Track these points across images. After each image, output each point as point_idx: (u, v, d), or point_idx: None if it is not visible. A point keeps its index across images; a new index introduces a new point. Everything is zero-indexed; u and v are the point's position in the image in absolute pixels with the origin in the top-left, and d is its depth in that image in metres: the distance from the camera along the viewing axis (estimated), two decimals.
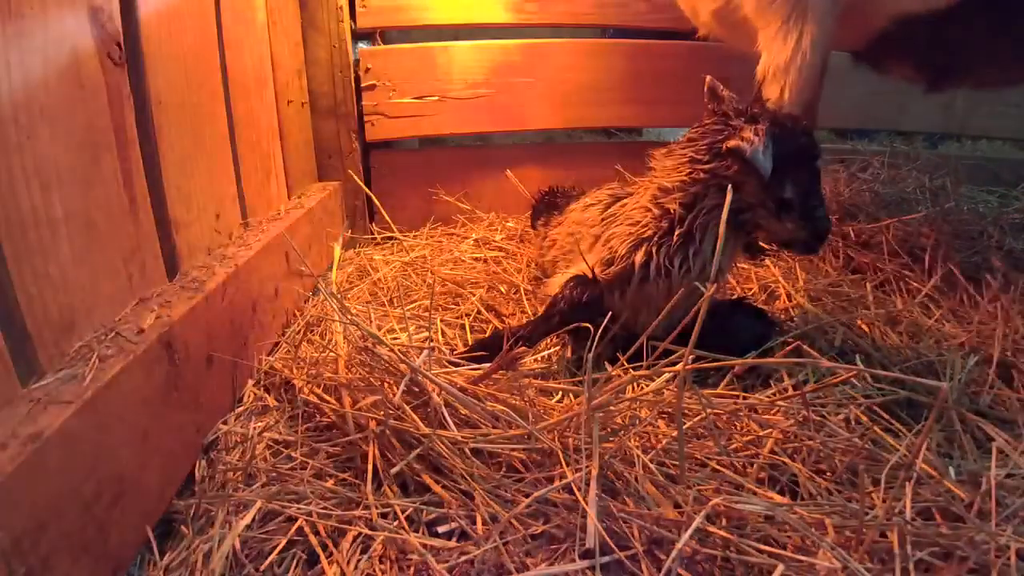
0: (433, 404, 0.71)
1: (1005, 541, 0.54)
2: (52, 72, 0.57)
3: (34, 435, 0.47)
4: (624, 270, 0.89)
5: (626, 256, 0.89)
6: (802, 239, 0.87)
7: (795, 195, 0.84)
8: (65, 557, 0.48)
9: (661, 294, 0.88)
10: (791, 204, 0.84)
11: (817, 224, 0.85)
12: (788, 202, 0.83)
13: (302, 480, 0.68)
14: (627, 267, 0.89)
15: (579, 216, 1.05)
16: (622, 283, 0.89)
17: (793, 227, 0.85)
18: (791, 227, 0.85)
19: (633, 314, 0.90)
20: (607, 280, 0.90)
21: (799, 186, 0.84)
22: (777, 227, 0.87)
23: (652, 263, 0.87)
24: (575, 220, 1.06)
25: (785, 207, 0.84)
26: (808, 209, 0.85)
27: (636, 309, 0.90)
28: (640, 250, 0.88)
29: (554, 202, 1.29)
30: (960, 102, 2.00)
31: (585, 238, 0.98)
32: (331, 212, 1.43)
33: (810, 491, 0.64)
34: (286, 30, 1.32)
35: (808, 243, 0.87)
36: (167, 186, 0.77)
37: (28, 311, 0.53)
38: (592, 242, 0.96)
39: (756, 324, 0.94)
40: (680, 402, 0.61)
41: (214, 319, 0.78)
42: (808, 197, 0.85)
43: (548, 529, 0.58)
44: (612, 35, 1.99)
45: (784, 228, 0.86)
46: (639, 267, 0.88)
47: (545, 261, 1.15)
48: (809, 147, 0.85)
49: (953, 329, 1.02)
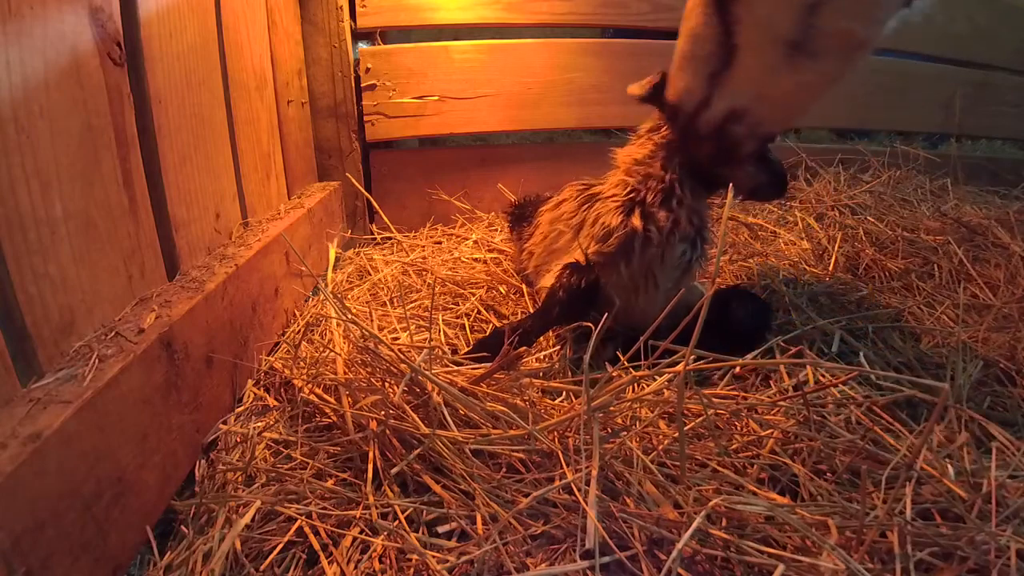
0: (433, 404, 0.71)
1: (1005, 541, 0.54)
2: (52, 72, 0.57)
3: (34, 435, 0.47)
4: (626, 236, 0.89)
5: (623, 224, 0.89)
6: (764, 182, 0.92)
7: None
8: (65, 557, 0.48)
9: (658, 258, 0.89)
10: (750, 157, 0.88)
11: (772, 166, 0.93)
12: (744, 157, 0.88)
13: (302, 480, 0.67)
14: (628, 233, 0.89)
15: (552, 215, 1.04)
16: (627, 252, 0.89)
17: (752, 170, 0.91)
18: (751, 171, 0.90)
19: (635, 292, 0.90)
20: (608, 255, 0.90)
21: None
22: (739, 175, 0.91)
23: (650, 223, 0.89)
24: (549, 220, 1.04)
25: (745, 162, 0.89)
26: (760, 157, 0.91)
27: (636, 285, 0.91)
28: (635, 213, 0.89)
29: (523, 213, 1.26)
30: (960, 102, 2.00)
31: (564, 233, 0.98)
32: (331, 212, 1.43)
33: (810, 491, 0.64)
34: (286, 30, 1.32)
35: (772, 185, 0.94)
36: (167, 186, 0.77)
37: (28, 311, 0.53)
38: (575, 232, 0.96)
39: (754, 311, 0.94)
40: (680, 402, 0.61)
41: (214, 319, 0.78)
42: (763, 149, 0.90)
43: (548, 529, 0.58)
44: (612, 35, 1.99)
45: (745, 174, 0.91)
46: (642, 229, 0.89)
47: (528, 273, 1.14)
48: None
49: (955, 329, 1.02)
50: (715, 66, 0.79)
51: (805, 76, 0.75)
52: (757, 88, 0.79)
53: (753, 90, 0.79)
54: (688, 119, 0.86)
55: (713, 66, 0.80)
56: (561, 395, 0.84)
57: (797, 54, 0.73)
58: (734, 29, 0.76)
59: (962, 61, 2.08)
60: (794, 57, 0.73)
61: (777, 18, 0.73)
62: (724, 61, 0.78)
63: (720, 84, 0.80)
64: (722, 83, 0.80)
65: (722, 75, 0.80)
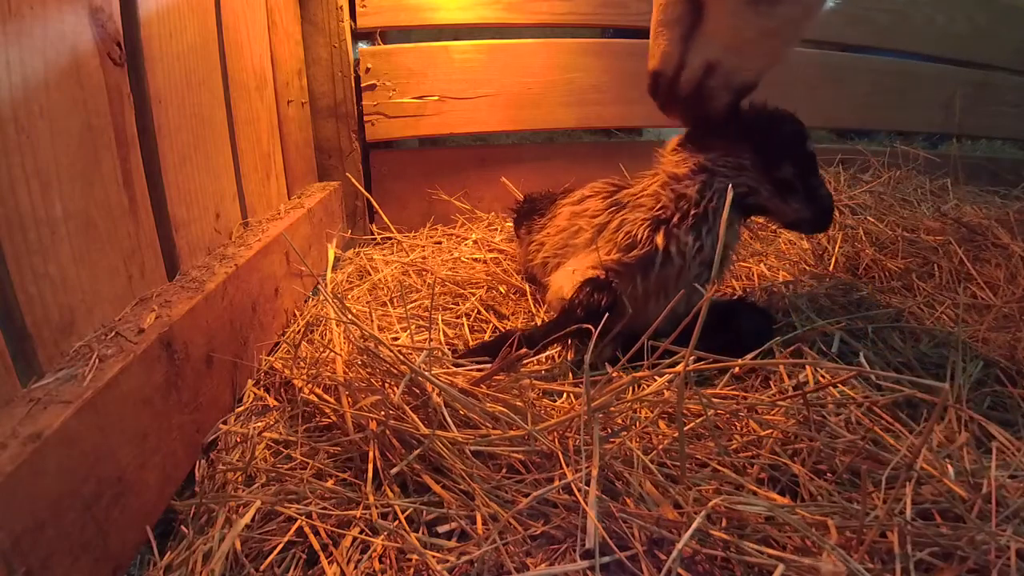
0: (433, 405, 0.71)
1: (1005, 541, 0.54)
2: (52, 72, 0.57)
3: (34, 435, 0.47)
4: (647, 253, 0.89)
5: (648, 239, 0.90)
6: (807, 218, 0.91)
7: (794, 175, 0.88)
8: (65, 557, 0.48)
9: (674, 277, 0.90)
10: (792, 184, 0.88)
11: (820, 202, 0.90)
12: (788, 182, 0.88)
13: (302, 480, 0.67)
14: (650, 250, 0.89)
15: (574, 209, 1.03)
16: (645, 267, 0.90)
17: (798, 207, 0.89)
18: (796, 207, 0.89)
19: (644, 303, 0.90)
20: (628, 265, 0.90)
21: (797, 166, 0.88)
22: (783, 208, 0.90)
23: (672, 244, 0.89)
24: (568, 214, 1.04)
25: (786, 187, 0.88)
26: (810, 187, 0.89)
27: (647, 298, 0.91)
28: (660, 231, 0.89)
29: (533, 208, 1.26)
30: (960, 102, 2.00)
31: (584, 231, 0.98)
32: (331, 212, 1.43)
33: (810, 491, 0.64)
34: (286, 30, 1.32)
35: (814, 221, 0.92)
36: (167, 186, 0.77)
37: (28, 311, 0.53)
38: (595, 232, 0.96)
39: (757, 322, 0.94)
40: (681, 403, 0.61)
41: (214, 319, 0.78)
42: (807, 175, 0.89)
43: (548, 529, 0.58)
44: (612, 35, 1.99)
45: (790, 208, 0.90)
46: (662, 249, 0.89)
47: (534, 265, 1.14)
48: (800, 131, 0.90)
49: (955, 329, 1.02)
50: (686, 27, 0.86)
51: (768, 22, 0.82)
52: (726, 40, 0.84)
53: (723, 42, 0.85)
54: (669, 83, 0.90)
55: (684, 27, 0.86)
56: (562, 396, 0.84)
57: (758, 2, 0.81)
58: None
59: (962, 61, 2.08)
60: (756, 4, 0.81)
61: None
62: (693, 21, 0.86)
63: (692, 42, 0.87)
64: (694, 40, 0.86)
65: (693, 34, 0.86)
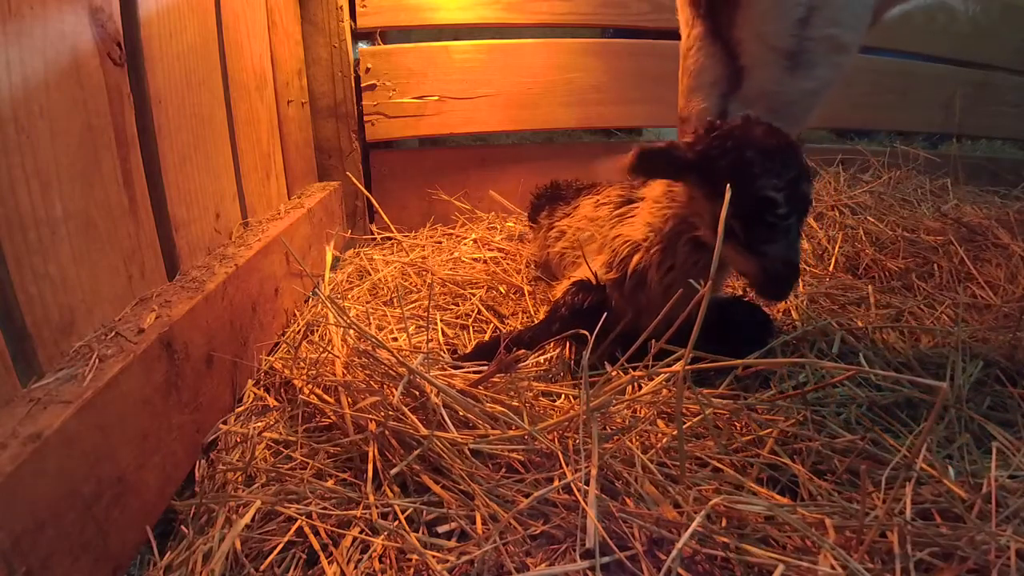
0: (432, 405, 0.71)
1: (1005, 541, 0.54)
2: (52, 72, 0.57)
3: (34, 435, 0.47)
4: (620, 274, 0.91)
5: (623, 261, 0.91)
6: (752, 276, 0.73)
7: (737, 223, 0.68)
8: (65, 557, 0.48)
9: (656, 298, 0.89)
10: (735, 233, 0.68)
11: (766, 262, 0.68)
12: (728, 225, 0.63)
13: (302, 480, 0.67)
14: (623, 272, 0.91)
15: (591, 212, 1.06)
16: (620, 285, 0.92)
17: (743, 259, 0.71)
18: (741, 259, 0.72)
19: (636, 314, 0.91)
20: (610, 281, 0.92)
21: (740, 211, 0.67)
22: (736, 260, 0.74)
23: (644, 269, 0.89)
24: (587, 215, 1.07)
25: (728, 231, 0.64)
26: (754, 241, 0.68)
27: (638, 309, 0.92)
28: (635, 256, 0.90)
29: (558, 194, 1.29)
30: (960, 102, 2.00)
31: (596, 238, 1.00)
32: (331, 212, 1.43)
33: (810, 491, 0.64)
34: (286, 30, 1.32)
35: (760, 284, 0.72)
36: (167, 186, 0.77)
37: (28, 311, 0.53)
38: (601, 242, 0.98)
39: (754, 321, 0.94)
40: (679, 402, 0.61)
41: (214, 319, 0.77)
42: (753, 227, 0.68)
43: (548, 529, 0.58)
44: (612, 35, 1.99)
45: (741, 262, 0.74)
46: (632, 272, 0.90)
47: (551, 253, 1.16)
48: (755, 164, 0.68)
49: (955, 329, 1.01)
50: (725, 88, 0.85)
51: (808, 84, 0.82)
52: (768, 103, 0.83)
53: (765, 105, 0.83)
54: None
55: (723, 88, 0.85)
56: (560, 396, 0.84)
57: (795, 65, 0.81)
58: (738, 51, 0.83)
59: (962, 61, 2.08)
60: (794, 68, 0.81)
61: (775, 33, 0.80)
62: (734, 82, 0.84)
63: (732, 103, 0.85)
64: (734, 103, 0.85)
65: (734, 93, 0.85)
